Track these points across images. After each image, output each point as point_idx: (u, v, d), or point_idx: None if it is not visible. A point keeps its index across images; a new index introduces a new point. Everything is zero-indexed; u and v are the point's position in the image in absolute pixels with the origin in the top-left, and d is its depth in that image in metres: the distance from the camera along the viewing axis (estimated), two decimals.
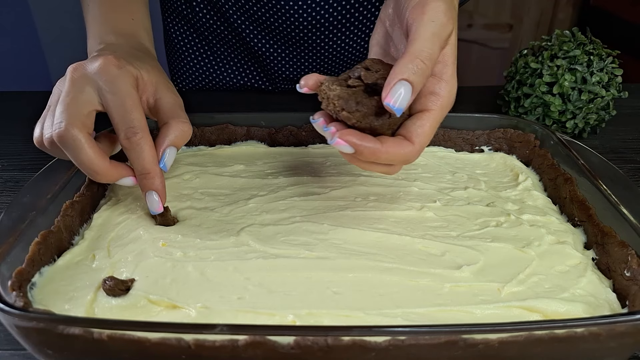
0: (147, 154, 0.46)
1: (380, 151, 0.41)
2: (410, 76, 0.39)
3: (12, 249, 0.40)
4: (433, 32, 0.41)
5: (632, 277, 0.41)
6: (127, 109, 0.45)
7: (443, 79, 0.43)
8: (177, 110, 0.50)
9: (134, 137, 0.45)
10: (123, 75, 0.46)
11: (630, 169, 0.67)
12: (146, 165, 0.46)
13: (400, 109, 0.40)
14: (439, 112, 0.43)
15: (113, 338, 0.32)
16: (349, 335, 0.32)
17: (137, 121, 0.45)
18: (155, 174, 0.47)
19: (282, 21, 0.78)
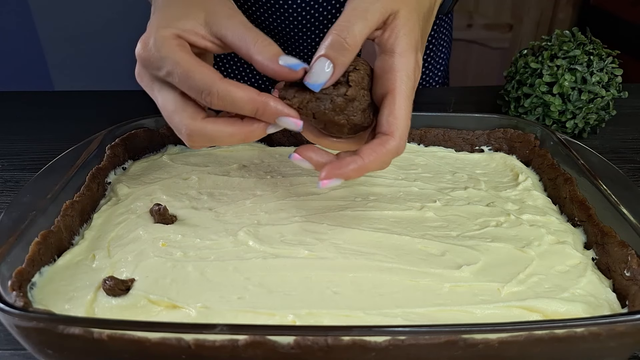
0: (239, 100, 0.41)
1: (366, 165, 0.41)
2: (328, 52, 0.40)
3: (12, 249, 0.40)
4: (353, 6, 0.41)
5: (632, 277, 0.41)
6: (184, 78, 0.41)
7: (396, 52, 0.42)
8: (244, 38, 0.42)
9: (212, 98, 0.41)
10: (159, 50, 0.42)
11: (630, 169, 0.66)
12: (247, 105, 0.41)
13: (318, 84, 0.40)
14: (404, 89, 0.41)
15: (113, 338, 0.32)
16: (349, 335, 0.32)
17: (200, 82, 0.41)
18: (263, 104, 0.41)
19: (280, 21, 0.78)
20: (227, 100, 0.41)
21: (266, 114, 0.42)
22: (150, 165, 0.60)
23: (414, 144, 0.65)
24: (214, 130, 0.43)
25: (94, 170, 0.54)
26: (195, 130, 0.43)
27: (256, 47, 0.42)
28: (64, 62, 1.96)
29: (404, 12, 0.43)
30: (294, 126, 0.43)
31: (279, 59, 0.41)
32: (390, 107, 0.41)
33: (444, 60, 0.95)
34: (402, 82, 0.41)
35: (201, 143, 0.44)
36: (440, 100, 0.86)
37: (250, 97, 0.41)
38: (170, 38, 0.42)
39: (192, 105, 0.43)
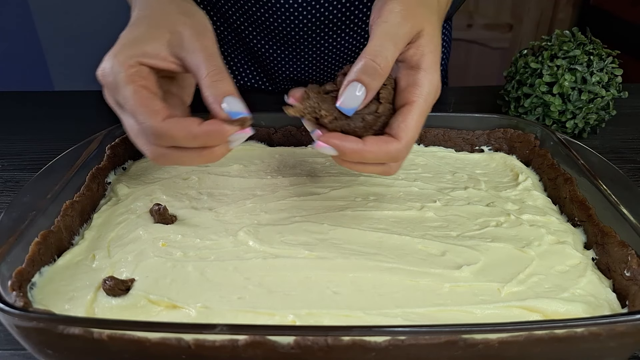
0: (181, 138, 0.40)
1: (363, 150, 0.41)
2: (362, 77, 0.41)
3: (12, 249, 0.40)
4: (384, 31, 0.42)
5: (632, 277, 0.41)
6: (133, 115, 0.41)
7: (421, 68, 0.43)
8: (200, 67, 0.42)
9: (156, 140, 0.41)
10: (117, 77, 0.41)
11: (630, 169, 0.67)
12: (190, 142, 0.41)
13: (352, 109, 0.41)
14: (422, 103, 0.43)
15: (113, 338, 0.32)
16: (349, 335, 0.32)
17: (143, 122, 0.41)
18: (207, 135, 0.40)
19: (281, 21, 0.78)
20: (170, 142, 0.41)
21: (214, 140, 0.41)
22: (150, 165, 0.60)
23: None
24: (177, 156, 0.42)
25: (94, 170, 0.54)
26: (158, 154, 0.42)
27: (206, 79, 0.42)
28: (64, 62, 1.96)
29: (428, 29, 0.44)
30: (245, 137, 0.42)
31: (224, 99, 0.41)
32: (405, 115, 0.42)
33: (444, 61, 0.95)
34: (422, 96, 0.43)
35: (167, 164, 0.44)
36: (440, 100, 0.86)
37: (191, 134, 0.40)
38: (126, 67, 0.41)
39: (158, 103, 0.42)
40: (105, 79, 0.43)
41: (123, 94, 0.41)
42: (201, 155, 0.42)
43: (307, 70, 0.86)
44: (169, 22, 0.45)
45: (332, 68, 0.86)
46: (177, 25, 0.44)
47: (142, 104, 0.41)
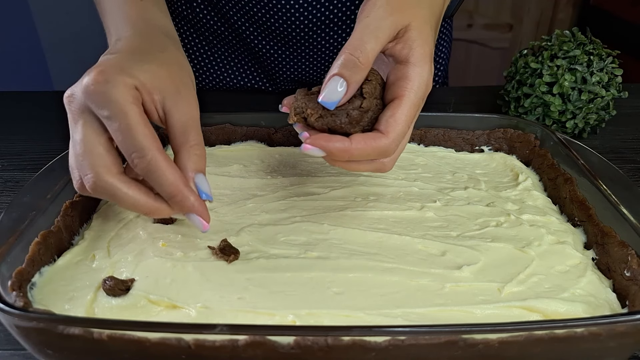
0: (166, 175, 0.40)
1: (350, 149, 0.41)
2: (341, 70, 0.40)
3: (12, 249, 0.40)
4: (365, 25, 0.42)
5: (632, 277, 0.41)
6: (126, 131, 0.39)
7: (410, 62, 0.42)
8: (187, 131, 0.43)
9: (142, 161, 0.39)
10: (114, 91, 0.39)
11: (630, 169, 0.66)
12: (169, 188, 0.40)
13: (333, 103, 0.41)
14: (412, 97, 0.42)
15: (113, 338, 0.32)
16: (349, 335, 0.32)
17: (141, 142, 0.39)
18: (183, 195, 0.40)
19: (282, 21, 0.78)
20: (154, 173, 0.40)
21: (180, 205, 0.41)
22: None
23: (414, 144, 0.65)
24: (122, 191, 0.40)
25: None
26: (104, 181, 0.40)
27: (191, 149, 0.42)
28: (64, 62, 1.96)
29: (416, 24, 0.43)
30: (200, 226, 0.42)
31: (195, 175, 0.42)
32: (394, 109, 0.42)
33: (444, 61, 0.95)
34: (412, 90, 0.42)
35: (99, 195, 0.41)
36: (440, 100, 0.86)
37: (176, 182, 0.40)
38: (128, 87, 0.40)
39: (114, 156, 0.41)
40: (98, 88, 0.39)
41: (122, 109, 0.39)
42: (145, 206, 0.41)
43: (308, 71, 0.86)
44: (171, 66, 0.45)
45: None
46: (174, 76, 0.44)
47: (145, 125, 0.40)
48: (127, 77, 0.40)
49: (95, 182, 0.40)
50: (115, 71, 0.40)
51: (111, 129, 0.40)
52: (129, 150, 0.39)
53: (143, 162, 0.39)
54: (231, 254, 0.44)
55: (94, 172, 0.40)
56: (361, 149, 0.41)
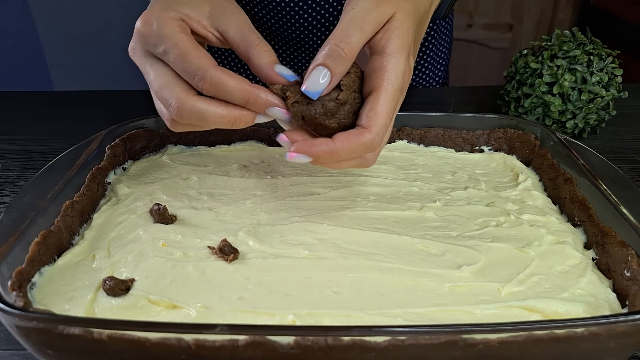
0: (231, 88, 0.42)
1: (335, 149, 0.41)
2: (326, 60, 0.40)
3: (12, 249, 0.40)
4: (351, 17, 0.42)
5: (632, 277, 0.41)
6: (181, 59, 0.42)
7: (386, 53, 0.42)
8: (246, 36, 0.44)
9: (204, 81, 0.42)
10: (160, 28, 0.43)
11: (630, 169, 0.67)
12: (239, 94, 0.42)
13: (316, 92, 0.41)
14: (389, 88, 0.41)
15: (113, 338, 0.32)
16: (349, 335, 0.32)
17: (195, 66, 0.42)
18: (255, 97, 0.43)
19: (282, 22, 0.78)
20: (219, 88, 0.42)
21: (256, 104, 0.43)
22: (150, 165, 0.60)
23: (414, 144, 0.65)
24: (203, 108, 0.43)
25: (94, 170, 0.54)
26: (186, 104, 0.43)
27: (256, 49, 0.44)
28: (64, 62, 1.96)
29: (399, 15, 0.43)
30: (281, 115, 0.44)
31: (274, 66, 0.43)
32: (373, 102, 0.42)
33: (444, 61, 0.95)
34: (389, 81, 0.42)
35: (187, 120, 0.44)
36: (440, 100, 0.86)
37: (242, 87, 0.42)
38: (174, 19, 0.43)
39: (184, 82, 0.44)
40: (148, 28, 0.43)
41: (172, 40, 0.42)
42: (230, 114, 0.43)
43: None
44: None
45: None
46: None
47: (195, 48, 0.42)
48: (170, 12, 0.44)
49: (179, 107, 0.43)
50: (158, 11, 0.44)
51: (170, 62, 0.43)
52: (191, 75, 0.42)
53: (205, 80, 0.42)
54: (231, 253, 0.44)
55: (175, 98, 0.43)
56: (346, 147, 0.41)
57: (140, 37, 0.44)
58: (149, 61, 0.45)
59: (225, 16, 0.45)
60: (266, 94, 0.43)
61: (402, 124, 0.65)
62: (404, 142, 0.65)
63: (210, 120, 0.44)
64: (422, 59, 0.90)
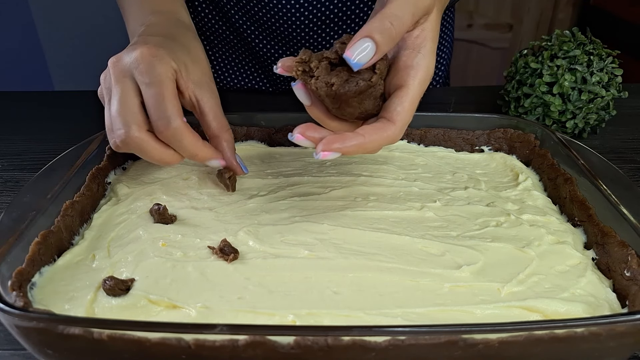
0: (187, 142, 0.47)
1: (365, 143, 0.42)
2: (375, 34, 0.39)
3: (12, 249, 0.40)
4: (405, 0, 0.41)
5: (632, 277, 0.41)
6: (159, 98, 0.46)
7: (421, 52, 0.43)
8: (219, 118, 0.52)
9: (168, 129, 0.46)
10: (159, 65, 0.46)
11: (630, 169, 0.66)
12: (191, 148, 0.48)
13: (359, 64, 0.40)
14: (418, 87, 0.43)
15: (113, 338, 0.32)
16: (349, 335, 0.32)
17: (170, 110, 0.46)
18: (203, 151, 0.49)
19: (283, 21, 0.78)
20: (177, 138, 0.47)
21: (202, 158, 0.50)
22: (150, 165, 0.60)
23: (414, 144, 0.65)
24: (150, 145, 0.47)
25: (94, 170, 0.54)
26: (135, 137, 0.47)
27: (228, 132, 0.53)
28: (64, 62, 1.96)
29: (433, 16, 0.44)
30: (217, 165, 0.52)
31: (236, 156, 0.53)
32: (402, 98, 0.42)
33: (445, 61, 0.95)
34: (419, 80, 0.43)
35: (128, 149, 0.48)
36: (440, 100, 0.86)
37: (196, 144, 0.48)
38: (170, 67, 0.48)
39: (145, 116, 0.47)
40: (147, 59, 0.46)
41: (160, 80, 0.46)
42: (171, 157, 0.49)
43: None
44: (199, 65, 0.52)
45: None
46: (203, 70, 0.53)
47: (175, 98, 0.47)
48: (171, 60, 0.48)
49: (126, 136, 0.46)
50: (163, 50, 0.48)
51: (147, 95, 0.46)
52: (158, 117, 0.46)
53: (169, 129, 0.46)
54: (231, 253, 0.44)
55: (125, 126, 0.46)
56: (374, 141, 0.42)
57: (136, 61, 0.47)
58: (124, 82, 0.47)
59: (207, 91, 0.51)
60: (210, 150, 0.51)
61: None
62: (404, 142, 0.65)
63: (152, 156, 0.48)
64: None
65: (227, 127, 0.53)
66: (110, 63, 0.48)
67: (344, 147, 0.41)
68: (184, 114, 0.48)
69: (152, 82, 0.46)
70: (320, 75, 0.42)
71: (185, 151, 0.48)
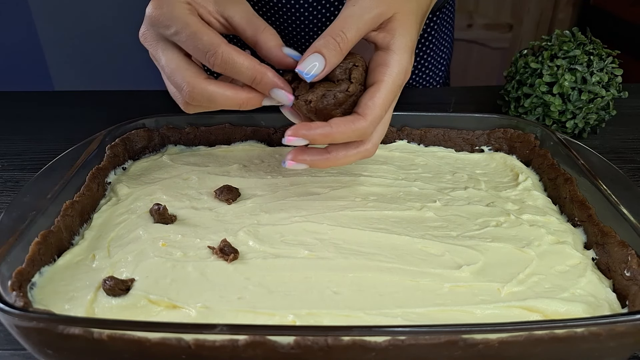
0: (240, 64, 0.44)
1: (332, 133, 0.43)
2: (322, 49, 0.43)
3: (12, 249, 0.40)
4: (349, 14, 0.44)
5: (632, 277, 0.41)
6: (192, 38, 0.44)
7: (391, 50, 0.45)
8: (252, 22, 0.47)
9: (215, 57, 0.44)
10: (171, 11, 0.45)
11: (630, 169, 0.66)
12: (247, 72, 0.45)
13: (311, 75, 0.43)
14: (390, 83, 0.44)
15: (113, 338, 0.32)
16: (349, 335, 0.32)
17: (207, 43, 0.44)
18: (261, 74, 0.45)
19: (283, 20, 0.78)
20: (230, 64, 0.44)
21: (262, 83, 0.45)
22: (150, 165, 0.60)
23: (414, 144, 0.65)
24: (213, 91, 0.45)
25: (94, 170, 0.54)
26: (197, 87, 0.45)
27: (263, 33, 0.46)
28: (64, 62, 1.96)
29: (400, 15, 0.45)
30: (285, 99, 0.46)
31: (282, 48, 0.46)
32: (372, 93, 0.44)
33: (445, 61, 0.95)
34: (391, 76, 0.44)
35: (198, 102, 0.46)
36: (440, 100, 0.86)
37: (252, 64, 0.44)
38: (183, 2, 0.45)
39: (195, 66, 0.46)
40: (159, 11, 0.44)
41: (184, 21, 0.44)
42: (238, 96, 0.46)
43: None
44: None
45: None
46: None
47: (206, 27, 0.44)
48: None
49: (191, 91, 0.45)
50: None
51: (181, 42, 0.45)
52: (203, 52, 0.44)
53: (217, 57, 0.44)
54: (231, 253, 0.44)
55: (186, 82, 0.45)
56: (342, 131, 0.43)
57: (152, 20, 0.45)
58: (161, 45, 0.46)
59: (230, 3, 0.47)
60: (273, 74, 0.45)
61: (402, 124, 0.65)
62: (404, 142, 0.65)
63: (220, 102, 0.46)
64: (423, 59, 0.90)
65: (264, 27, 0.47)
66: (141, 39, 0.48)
67: (309, 134, 0.43)
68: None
69: (177, 29, 0.44)
70: (300, 94, 0.45)
71: (243, 74, 0.45)
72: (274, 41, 0.46)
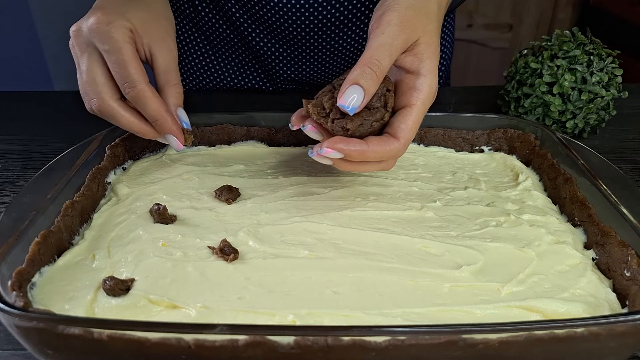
0: (150, 103, 0.50)
1: (367, 151, 0.45)
2: (360, 80, 0.44)
3: (12, 249, 0.40)
4: (381, 43, 0.45)
5: (632, 277, 0.41)
6: (121, 65, 0.48)
7: (421, 74, 0.47)
8: (169, 73, 0.53)
9: (133, 91, 0.49)
10: (114, 31, 0.49)
11: (630, 169, 0.66)
12: (152, 113, 0.51)
13: (353, 108, 0.44)
14: (421, 106, 0.47)
15: (113, 338, 0.32)
16: (349, 335, 0.32)
17: (133, 75, 0.48)
18: (164, 119, 0.51)
19: (283, 20, 0.78)
20: (141, 101, 0.50)
21: (161, 126, 0.52)
22: (150, 165, 0.60)
23: (414, 144, 0.65)
24: (120, 114, 0.51)
25: (94, 170, 0.54)
26: (106, 105, 0.51)
27: (171, 89, 0.54)
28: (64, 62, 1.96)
29: (425, 39, 0.47)
30: (175, 146, 0.54)
31: (177, 109, 0.54)
32: (404, 117, 0.47)
33: (446, 61, 0.95)
34: (420, 100, 0.47)
35: (102, 115, 0.52)
36: (440, 100, 0.85)
37: (159, 109, 0.51)
38: (126, 29, 0.50)
39: (112, 85, 0.51)
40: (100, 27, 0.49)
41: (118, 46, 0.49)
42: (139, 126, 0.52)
43: (308, 71, 0.86)
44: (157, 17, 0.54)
45: (332, 69, 0.86)
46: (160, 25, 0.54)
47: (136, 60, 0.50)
48: (125, 21, 0.50)
49: (100, 105, 0.51)
50: (116, 14, 0.50)
51: (109, 62, 0.49)
52: (123, 81, 0.49)
53: (133, 91, 0.49)
54: (231, 253, 0.44)
55: (98, 97, 0.50)
56: (376, 151, 0.45)
57: (92, 30, 0.49)
58: (88, 51, 0.50)
59: (161, 46, 0.53)
60: (173, 122, 0.52)
61: None
62: None
63: (122, 124, 0.52)
64: None
65: (175, 82, 0.54)
66: (72, 33, 0.51)
67: (347, 149, 0.45)
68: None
69: (110, 49, 0.48)
70: (336, 118, 0.46)
71: (149, 114, 0.51)
72: (175, 100, 0.53)
